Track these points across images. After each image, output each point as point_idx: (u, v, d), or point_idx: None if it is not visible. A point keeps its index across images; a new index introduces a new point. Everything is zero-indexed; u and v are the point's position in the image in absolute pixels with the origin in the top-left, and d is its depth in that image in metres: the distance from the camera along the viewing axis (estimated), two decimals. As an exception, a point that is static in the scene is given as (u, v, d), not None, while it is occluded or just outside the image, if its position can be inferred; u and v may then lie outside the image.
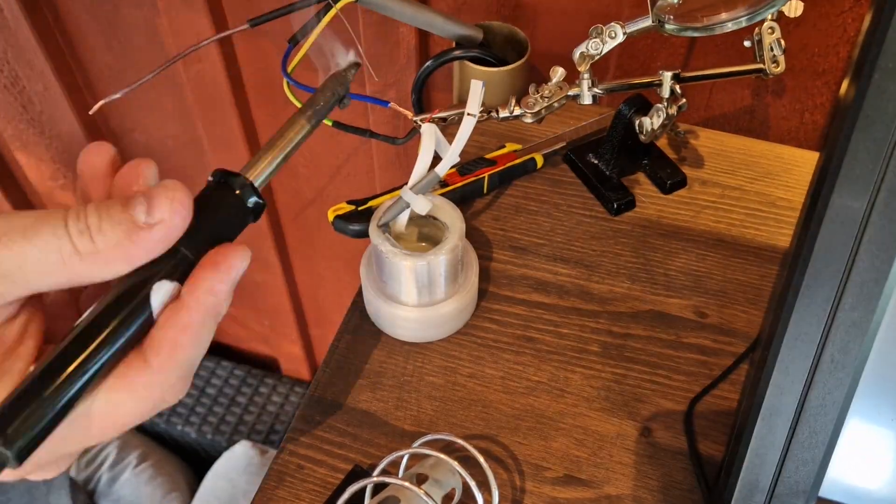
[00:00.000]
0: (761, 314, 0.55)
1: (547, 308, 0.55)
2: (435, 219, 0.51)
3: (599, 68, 0.74)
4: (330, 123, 0.49)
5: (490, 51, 0.63)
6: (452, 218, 0.51)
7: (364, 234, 0.56)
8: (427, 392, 0.51)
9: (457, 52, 0.63)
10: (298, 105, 0.46)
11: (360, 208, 0.56)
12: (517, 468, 0.48)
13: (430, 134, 0.46)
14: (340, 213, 0.56)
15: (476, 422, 0.50)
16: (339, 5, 0.49)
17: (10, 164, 1.21)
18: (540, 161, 0.62)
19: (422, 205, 0.49)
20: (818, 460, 0.39)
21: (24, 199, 1.26)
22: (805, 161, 0.64)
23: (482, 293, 0.56)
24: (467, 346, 0.54)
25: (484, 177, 0.60)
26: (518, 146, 0.63)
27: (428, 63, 0.63)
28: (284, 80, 0.48)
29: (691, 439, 0.49)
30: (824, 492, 0.40)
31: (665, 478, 0.48)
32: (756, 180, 0.63)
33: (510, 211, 0.61)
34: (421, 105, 0.66)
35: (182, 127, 0.99)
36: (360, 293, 0.56)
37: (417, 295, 0.51)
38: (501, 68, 0.63)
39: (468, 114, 0.46)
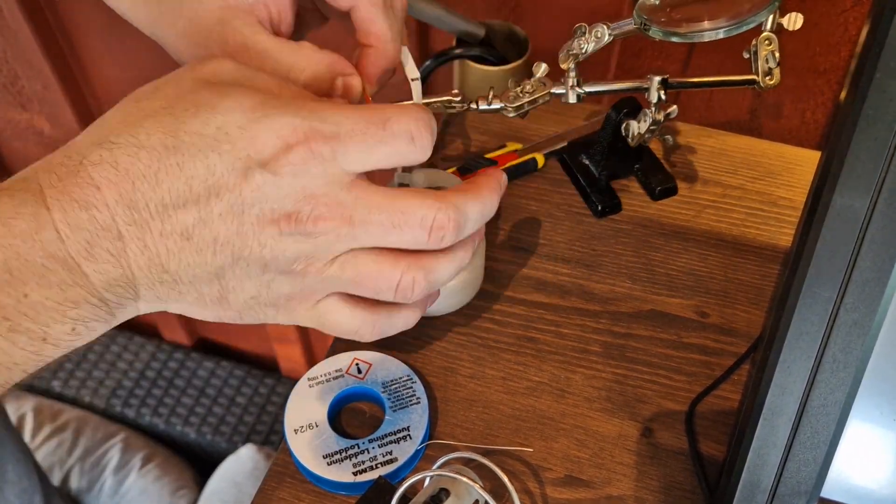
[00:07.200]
0: (763, 314, 0.55)
1: (547, 308, 0.55)
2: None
3: (600, 65, 0.74)
4: None
5: (491, 49, 0.63)
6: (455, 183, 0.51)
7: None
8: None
9: (457, 52, 0.63)
10: None
11: (360, 208, 0.56)
12: (518, 469, 0.48)
13: (407, 54, 0.46)
14: (340, 212, 0.56)
15: (476, 423, 0.50)
16: None
17: (9, 164, 1.21)
18: (540, 161, 0.62)
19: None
20: (820, 460, 0.38)
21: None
22: (806, 160, 0.63)
23: (483, 293, 0.56)
24: (467, 346, 0.54)
25: (484, 176, 0.60)
26: (519, 146, 0.62)
27: (428, 62, 0.63)
28: None
29: (692, 439, 0.49)
30: (826, 492, 0.40)
31: (666, 478, 0.48)
32: (757, 179, 0.62)
33: (510, 211, 0.61)
34: (421, 104, 0.66)
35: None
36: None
37: None
38: (502, 67, 0.63)
39: (412, 79, 0.47)
